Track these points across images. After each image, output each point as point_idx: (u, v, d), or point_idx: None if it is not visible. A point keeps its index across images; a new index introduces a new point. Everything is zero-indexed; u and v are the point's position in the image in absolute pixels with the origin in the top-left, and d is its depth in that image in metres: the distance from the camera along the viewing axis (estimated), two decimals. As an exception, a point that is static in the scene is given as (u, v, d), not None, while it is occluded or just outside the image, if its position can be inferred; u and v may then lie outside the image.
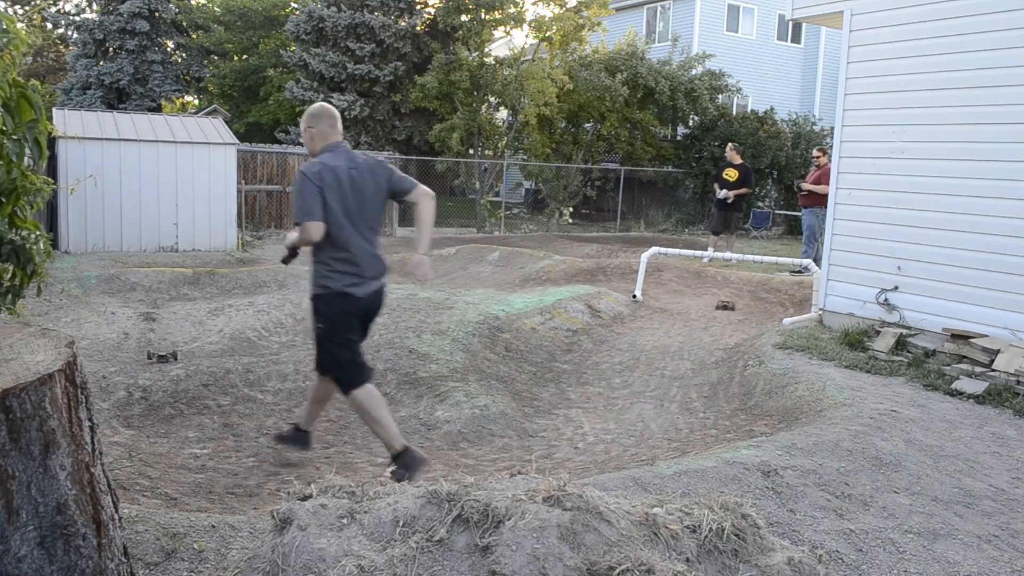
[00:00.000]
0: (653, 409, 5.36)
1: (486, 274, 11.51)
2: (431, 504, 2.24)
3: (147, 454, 4.14)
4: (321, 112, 3.85)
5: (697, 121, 20.62)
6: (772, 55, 25.18)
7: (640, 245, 14.33)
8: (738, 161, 12.17)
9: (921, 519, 3.25)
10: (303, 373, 5.58)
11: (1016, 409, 4.89)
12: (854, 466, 3.72)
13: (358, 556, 2.06)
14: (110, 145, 11.65)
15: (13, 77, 2.44)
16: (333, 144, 3.82)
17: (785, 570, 2.27)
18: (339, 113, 4.00)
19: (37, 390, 1.77)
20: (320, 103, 4.00)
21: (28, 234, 2.80)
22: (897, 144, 6.43)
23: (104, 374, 5.09)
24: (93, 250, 11.45)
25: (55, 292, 7.40)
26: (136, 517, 2.61)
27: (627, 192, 20.37)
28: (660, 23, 24.50)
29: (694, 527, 2.30)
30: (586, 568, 2.03)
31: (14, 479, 1.75)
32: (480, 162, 19.00)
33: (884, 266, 6.52)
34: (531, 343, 6.71)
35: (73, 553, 1.86)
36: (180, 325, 6.66)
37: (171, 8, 22.71)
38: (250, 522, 2.76)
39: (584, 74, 18.72)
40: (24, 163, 2.58)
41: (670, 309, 8.56)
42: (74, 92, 22.00)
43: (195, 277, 9.06)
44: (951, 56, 6.04)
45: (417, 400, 5.26)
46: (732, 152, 12.29)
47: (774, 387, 5.36)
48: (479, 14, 18.40)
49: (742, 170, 12.00)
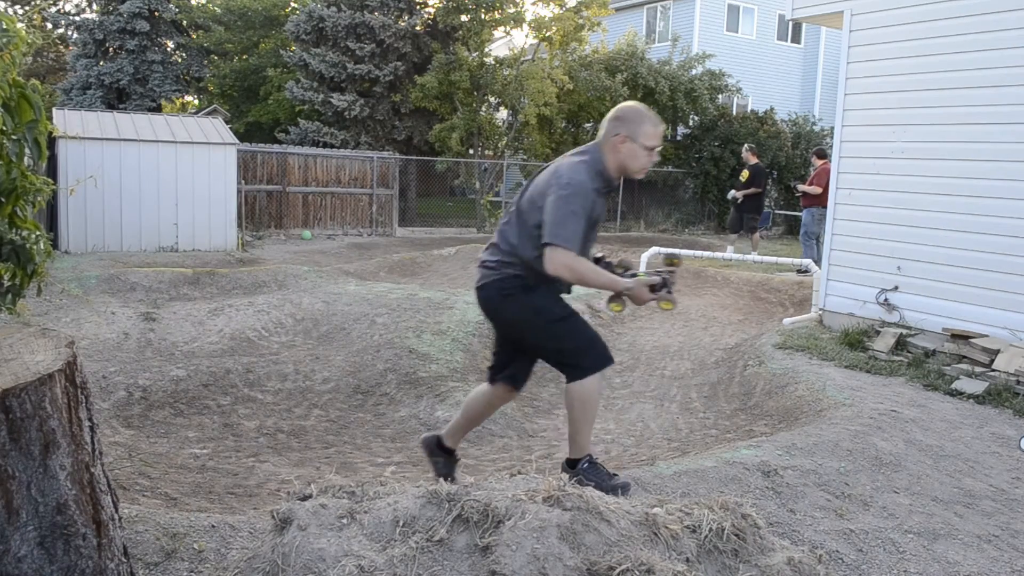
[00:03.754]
0: (653, 409, 5.36)
1: (486, 274, 11.48)
2: (431, 504, 2.24)
3: (147, 454, 4.13)
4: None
5: (697, 121, 20.61)
6: (772, 55, 25.18)
7: (640, 245, 14.33)
8: (752, 162, 12.34)
9: (921, 519, 3.25)
10: (303, 373, 5.58)
11: (1016, 409, 4.89)
12: (854, 466, 3.72)
13: (358, 556, 2.06)
14: (110, 145, 11.65)
15: (13, 77, 2.44)
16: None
17: (785, 570, 2.27)
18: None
19: (37, 390, 1.77)
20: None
21: (28, 234, 2.81)
22: (897, 144, 6.43)
23: (104, 374, 5.09)
24: (93, 250, 11.45)
25: (55, 292, 7.40)
26: (136, 517, 2.60)
27: (627, 192, 20.36)
28: (660, 23, 24.50)
29: (694, 527, 2.30)
30: (586, 568, 2.03)
31: (14, 479, 1.75)
32: (480, 162, 19.00)
33: (884, 266, 6.51)
34: (531, 343, 6.70)
35: (73, 553, 1.85)
36: (180, 325, 6.66)
37: (171, 8, 22.68)
38: (250, 522, 2.75)
39: (584, 74, 18.72)
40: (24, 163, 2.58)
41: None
42: (74, 92, 21.98)
43: (195, 277, 9.06)
44: (951, 56, 6.04)
45: (417, 400, 5.26)
46: (747, 153, 12.51)
47: (774, 387, 5.36)
48: (479, 14, 18.39)
49: (753, 170, 12.22)
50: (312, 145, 18.99)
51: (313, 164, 15.92)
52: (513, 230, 3.13)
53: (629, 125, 3.06)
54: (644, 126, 3.06)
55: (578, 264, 2.93)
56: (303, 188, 15.79)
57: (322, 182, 16.03)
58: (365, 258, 13.00)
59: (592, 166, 3.06)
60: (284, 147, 16.58)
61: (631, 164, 3.09)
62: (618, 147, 3.07)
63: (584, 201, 2.95)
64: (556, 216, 2.92)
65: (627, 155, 3.08)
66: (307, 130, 19.31)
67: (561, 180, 2.98)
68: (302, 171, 15.79)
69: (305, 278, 9.39)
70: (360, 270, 11.30)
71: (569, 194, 2.93)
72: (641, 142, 3.05)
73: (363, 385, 5.50)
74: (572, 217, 2.91)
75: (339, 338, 6.64)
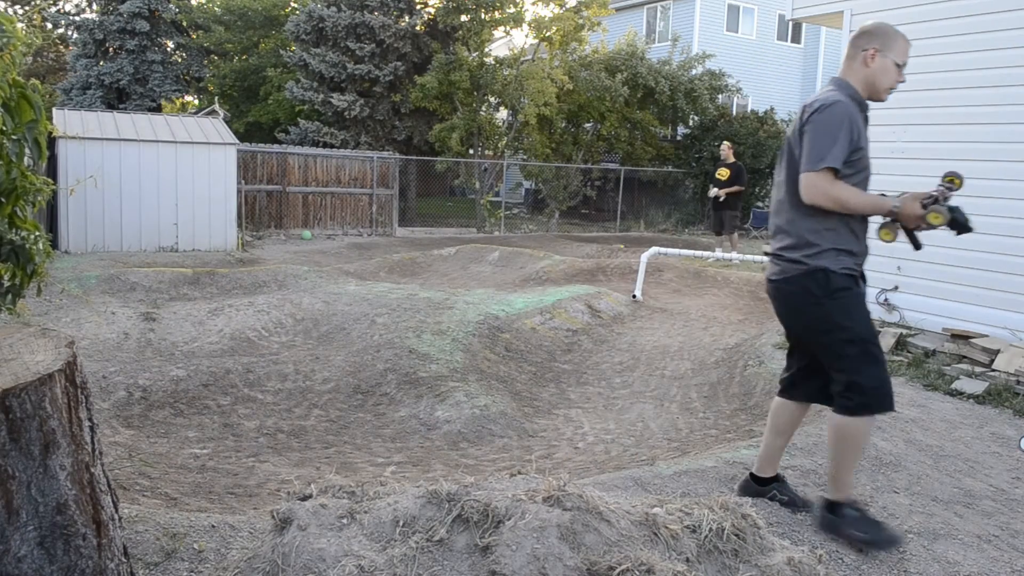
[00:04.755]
0: (653, 409, 5.36)
1: (486, 274, 11.51)
2: (431, 504, 2.24)
3: (147, 454, 4.13)
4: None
5: (697, 121, 20.63)
6: (772, 55, 25.18)
7: (640, 245, 14.33)
8: (731, 160, 12.23)
9: (921, 519, 3.25)
10: (303, 373, 5.58)
11: (1016, 409, 4.89)
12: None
13: (358, 556, 2.06)
14: (110, 145, 11.65)
15: (13, 77, 2.44)
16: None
17: (785, 570, 2.27)
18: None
19: (37, 390, 1.77)
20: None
21: (28, 234, 2.80)
22: (897, 144, 6.43)
23: (104, 374, 5.09)
24: (93, 250, 11.45)
25: (55, 292, 7.40)
26: (136, 517, 2.60)
27: (627, 192, 20.37)
28: (660, 23, 24.50)
29: (694, 527, 2.30)
30: (586, 568, 2.03)
31: (14, 479, 1.75)
32: (480, 162, 19.00)
33: (884, 266, 6.51)
34: (531, 343, 6.71)
35: (73, 553, 1.85)
36: (180, 325, 6.66)
37: (171, 8, 22.69)
38: (250, 522, 2.75)
39: (584, 74, 18.73)
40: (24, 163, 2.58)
41: (670, 309, 8.56)
42: (74, 92, 21.99)
43: (195, 277, 9.06)
44: (951, 56, 6.04)
45: (417, 400, 5.25)
46: (727, 151, 12.36)
47: (774, 387, 5.34)
48: (479, 14, 18.40)
49: (734, 169, 12.08)
50: (312, 145, 19.00)
51: (313, 164, 15.93)
52: (787, 203, 2.85)
53: (881, 39, 2.85)
54: (897, 40, 2.86)
55: (835, 188, 2.66)
56: (303, 188, 15.80)
57: (322, 182, 16.03)
58: (365, 258, 13.01)
59: (843, 90, 2.83)
60: (284, 147, 16.58)
61: (881, 81, 2.84)
62: (868, 62, 2.84)
63: (843, 120, 2.68)
64: (812, 142, 2.69)
65: (878, 70, 2.83)
66: (307, 130, 19.31)
67: (813, 107, 2.76)
68: (302, 171, 15.79)
69: (305, 278, 9.39)
70: (360, 270, 11.30)
71: (824, 117, 2.70)
72: (892, 57, 2.84)
73: (363, 385, 5.50)
74: (829, 138, 2.66)
75: (339, 338, 6.64)
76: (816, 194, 2.68)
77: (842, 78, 2.89)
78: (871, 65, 2.84)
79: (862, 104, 2.85)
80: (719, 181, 12.04)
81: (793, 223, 2.83)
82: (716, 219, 12.45)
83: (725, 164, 12.19)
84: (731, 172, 12.00)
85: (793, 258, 2.82)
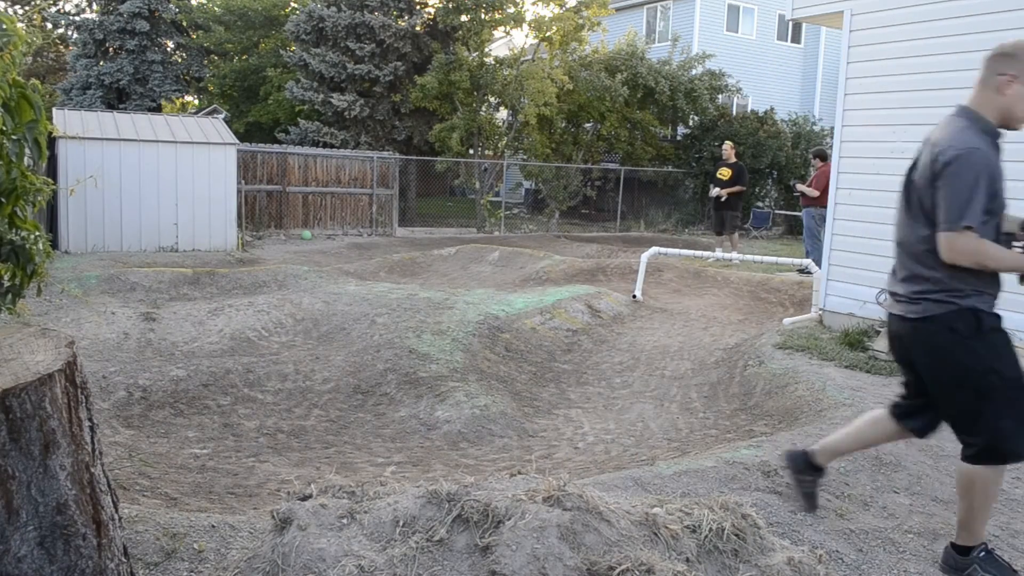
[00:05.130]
0: (653, 409, 5.36)
1: (486, 274, 11.51)
2: (431, 504, 2.24)
3: (147, 454, 4.13)
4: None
5: (697, 121, 20.63)
6: (772, 55, 25.19)
7: (640, 245, 14.33)
8: (733, 160, 12.22)
9: (921, 519, 3.25)
10: (303, 373, 5.58)
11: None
12: (854, 466, 3.72)
13: (358, 556, 2.06)
14: (110, 145, 11.65)
15: (13, 77, 2.44)
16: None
17: (785, 570, 2.27)
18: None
19: (37, 390, 1.77)
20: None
21: (28, 234, 2.80)
22: (897, 144, 6.42)
23: (104, 374, 5.09)
24: (93, 250, 11.45)
25: (55, 292, 7.40)
26: (136, 517, 2.60)
27: (627, 192, 20.37)
28: (660, 23, 24.51)
29: (694, 527, 2.30)
30: (586, 568, 2.03)
31: (14, 479, 1.75)
32: (480, 162, 19.01)
33: (884, 266, 6.49)
34: (531, 343, 6.71)
35: (73, 553, 1.85)
36: (180, 325, 6.66)
37: (171, 8, 22.70)
38: (250, 522, 2.75)
39: (584, 74, 18.73)
40: (24, 163, 2.58)
41: (670, 309, 8.56)
42: (74, 92, 21.99)
43: (195, 277, 9.06)
44: (951, 56, 6.04)
45: (417, 400, 5.25)
46: (728, 150, 12.35)
47: (774, 387, 5.36)
48: (479, 14, 18.40)
49: (736, 168, 12.07)
50: (312, 145, 19.00)
51: (313, 164, 15.93)
52: (921, 249, 2.71)
53: (1020, 64, 2.59)
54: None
55: (977, 249, 2.52)
56: (303, 188, 15.80)
57: (322, 182, 16.03)
58: (365, 258, 13.01)
59: (975, 124, 2.63)
60: (284, 147, 16.59)
61: (1017, 110, 2.62)
62: (1003, 89, 2.61)
63: (980, 173, 2.51)
64: (948, 199, 2.53)
65: (1014, 99, 2.60)
66: (307, 130, 19.31)
67: (946, 157, 2.55)
68: (302, 171, 15.80)
69: (305, 278, 9.39)
70: (360, 270, 11.30)
71: (959, 170, 2.52)
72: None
73: (363, 385, 5.50)
74: (966, 194, 2.49)
75: (339, 338, 6.64)
76: (956, 256, 2.56)
77: (973, 108, 2.69)
78: (1006, 93, 2.62)
79: (995, 136, 2.66)
80: (720, 181, 12.01)
81: (932, 268, 2.70)
82: (717, 219, 12.42)
83: (727, 164, 12.17)
84: (733, 172, 11.98)
85: (937, 299, 2.67)
